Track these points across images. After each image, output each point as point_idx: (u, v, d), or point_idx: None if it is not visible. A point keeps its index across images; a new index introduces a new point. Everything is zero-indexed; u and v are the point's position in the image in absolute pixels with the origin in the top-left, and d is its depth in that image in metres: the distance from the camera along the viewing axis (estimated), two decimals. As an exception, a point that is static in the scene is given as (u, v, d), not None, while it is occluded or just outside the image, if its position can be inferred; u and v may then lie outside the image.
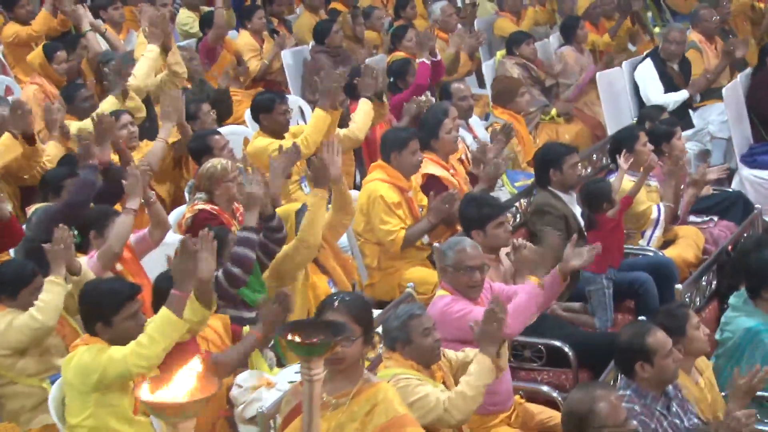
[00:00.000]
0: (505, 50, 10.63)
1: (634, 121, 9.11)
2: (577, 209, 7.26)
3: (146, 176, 6.24)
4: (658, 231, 7.62)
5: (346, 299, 4.52)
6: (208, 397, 3.19)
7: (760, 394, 5.47)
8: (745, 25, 12.02)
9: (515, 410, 5.67)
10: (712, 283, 6.65)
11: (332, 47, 10.38)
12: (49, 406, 5.11)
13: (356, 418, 4.41)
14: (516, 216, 7.44)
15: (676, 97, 9.96)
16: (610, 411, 4.43)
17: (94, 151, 6.73)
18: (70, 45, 9.35)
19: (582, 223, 7.13)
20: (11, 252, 6.61)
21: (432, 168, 7.53)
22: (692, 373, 5.47)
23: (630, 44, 12.16)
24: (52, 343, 5.64)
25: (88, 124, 7.49)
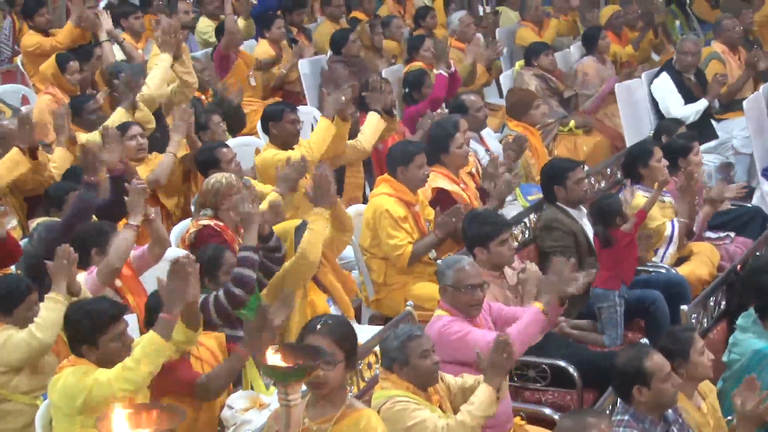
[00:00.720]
0: (524, 61, 10.52)
1: (651, 135, 8.96)
2: (586, 224, 7.16)
3: (144, 193, 6.16)
4: (672, 248, 7.47)
5: (329, 322, 4.46)
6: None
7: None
8: (770, 35, 11.89)
9: (515, 432, 5.57)
10: (721, 303, 6.50)
11: (349, 57, 10.30)
12: (36, 426, 5.05)
13: (338, 444, 4.34)
14: (525, 232, 7.32)
15: (696, 108, 9.84)
16: (601, 440, 4.33)
17: (98, 165, 6.66)
18: (83, 55, 9.33)
19: (591, 238, 7.02)
20: (12, 266, 6.59)
21: (442, 182, 7.45)
22: (694, 398, 5.34)
23: (654, 54, 12.02)
24: (46, 361, 5.58)
25: (95, 137, 7.45)
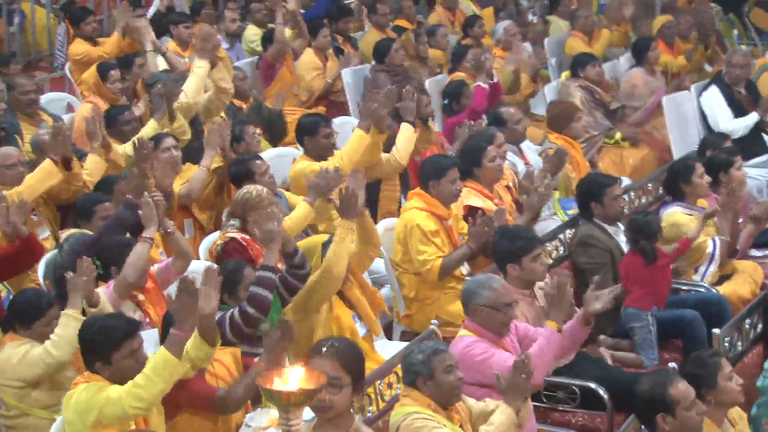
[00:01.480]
0: (569, 72, 10.37)
1: (696, 149, 8.78)
2: (622, 241, 7.01)
3: (161, 206, 6.11)
4: (713, 266, 7.30)
5: (336, 345, 4.40)
6: None
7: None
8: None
9: (540, 457, 5.48)
10: (757, 325, 6.33)
11: (392, 66, 10.22)
12: (51, 443, 5.04)
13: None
14: (559, 248, 7.18)
15: (746, 122, 9.67)
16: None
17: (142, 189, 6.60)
18: (125, 64, 9.34)
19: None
20: (41, 278, 6.59)
21: (473, 199, 7.33)
22: (724, 425, 5.20)
23: (707, 65, 11.80)
24: (65, 376, 5.58)
25: (128, 149, 7.44)
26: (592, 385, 6.01)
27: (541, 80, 11.09)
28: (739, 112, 9.72)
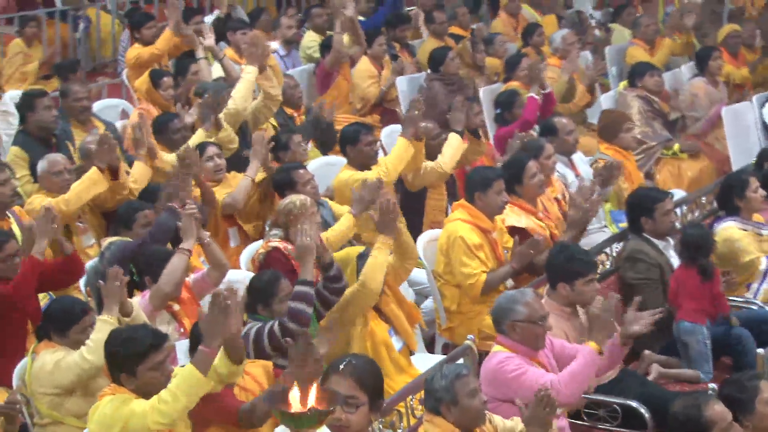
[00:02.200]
0: (627, 81, 10.20)
1: (753, 163, 8.57)
2: (672, 256, 6.86)
3: (197, 218, 6.09)
4: (766, 284, 7.12)
5: (353, 363, 4.32)
6: None
7: None
8: None
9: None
10: (810, 347, 6.16)
11: (447, 75, 10.13)
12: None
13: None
14: (606, 262, 7.04)
15: (808, 135, 9.44)
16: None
17: (181, 192, 6.59)
18: (180, 71, 9.35)
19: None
20: (82, 285, 6.61)
21: (514, 219, 7.21)
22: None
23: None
24: (98, 384, 5.53)
25: (173, 158, 7.44)
26: (634, 404, 5.91)
27: (602, 89, 10.94)
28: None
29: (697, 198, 8.03)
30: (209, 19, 11.71)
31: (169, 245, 6.43)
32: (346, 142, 7.75)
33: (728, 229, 7.21)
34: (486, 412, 4.98)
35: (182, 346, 5.66)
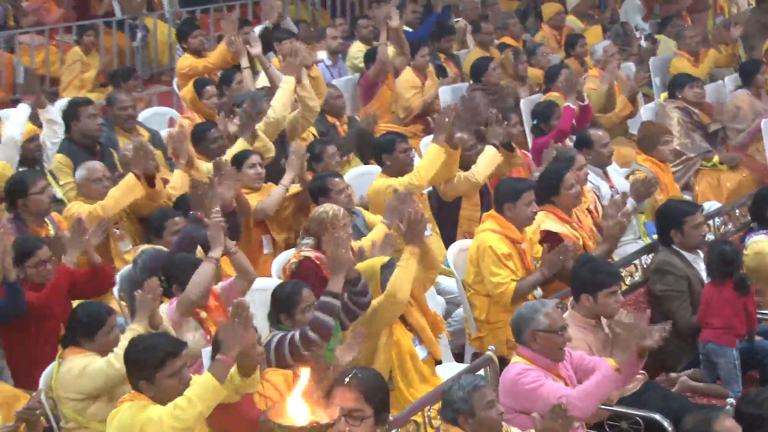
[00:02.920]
0: (667, 93, 10.19)
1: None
2: (702, 269, 6.85)
3: (223, 227, 6.18)
4: (794, 298, 7.10)
5: (359, 375, 4.36)
6: None
7: None
8: None
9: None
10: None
11: (489, 85, 10.19)
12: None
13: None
14: (635, 274, 7.05)
15: None
16: None
17: (207, 201, 6.68)
18: (225, 81, 9.48)
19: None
20: (116, 292, 6.75)
21: (549, 224, 7.24)
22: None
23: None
24: (124, 391, 5.60)
25: (210, 167, 7.53)
26: (657, 416, 5.88)
27: (646, 100, 10.92)
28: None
29: (732, 210, 8.00)
30: (258, 29, 11.86)
31: (201, 252, 6.56)
32: (382, 150, 7.84)
33: (759, 242, 7.18)
34: (503, 423, 5.03)
35: (209, 353, 5.75)
